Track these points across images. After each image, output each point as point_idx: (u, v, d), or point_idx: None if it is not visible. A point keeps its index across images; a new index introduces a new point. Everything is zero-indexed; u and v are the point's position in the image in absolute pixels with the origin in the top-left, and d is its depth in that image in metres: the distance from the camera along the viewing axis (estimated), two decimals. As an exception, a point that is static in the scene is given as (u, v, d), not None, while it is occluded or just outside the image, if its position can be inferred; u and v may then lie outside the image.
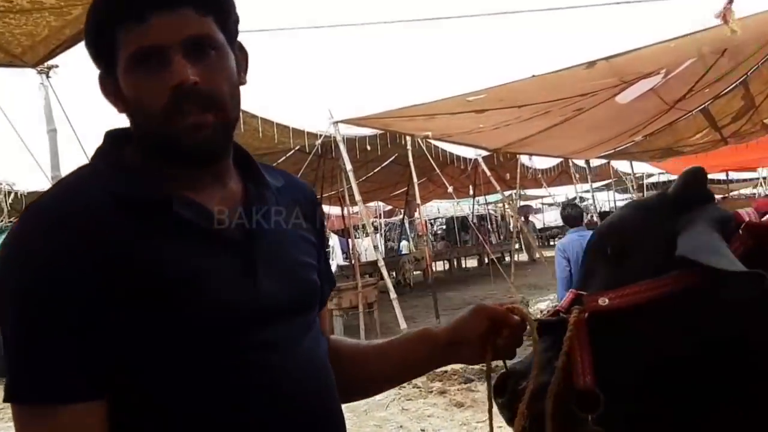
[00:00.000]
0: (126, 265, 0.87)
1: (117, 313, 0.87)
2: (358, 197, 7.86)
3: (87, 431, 0.87)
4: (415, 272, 16.24)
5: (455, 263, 19.44)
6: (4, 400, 0.86)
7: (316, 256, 1.11)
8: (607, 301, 1.07)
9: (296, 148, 9.05)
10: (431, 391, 6.17)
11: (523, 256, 19.61)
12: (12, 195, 10.05)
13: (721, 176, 19.64)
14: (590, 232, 7.93)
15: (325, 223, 1.30)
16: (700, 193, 1.13)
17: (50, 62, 4.01)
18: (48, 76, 4.46)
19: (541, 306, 11.06)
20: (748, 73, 10.24)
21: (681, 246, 1.01)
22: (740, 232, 1.05)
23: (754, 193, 21.95)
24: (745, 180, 22.63)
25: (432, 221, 25.28)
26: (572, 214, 6.44)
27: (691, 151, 13.74)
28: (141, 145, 0.98)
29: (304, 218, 1.10)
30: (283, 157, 9.46)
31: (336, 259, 19.28)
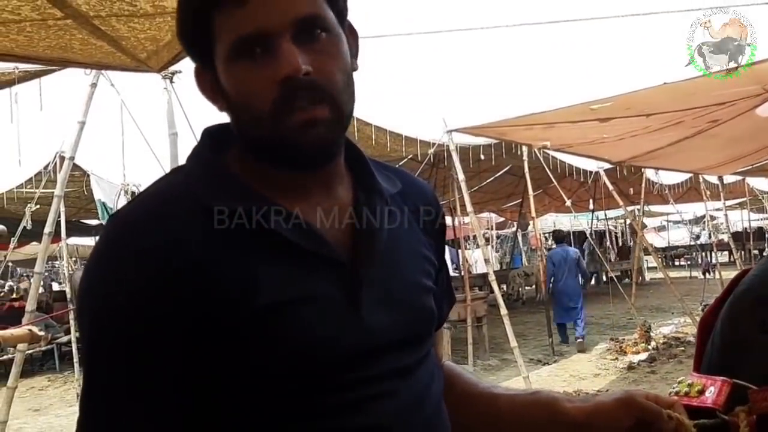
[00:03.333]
0: (213, 290, 0.76)
1: (201, 351, 0.76)
2: (469, 208, 7.66)
3: None
4: (527, 287, 15.80)
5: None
6: None
7: (435, 275, 0.97)
8: None
9: (409, 156, 9.02)
10: None
11: (649, 274, 18.55)
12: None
13: None
14: (569, 248, 10.09)
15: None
16: None
17: (174, 68, 4.16)
18: (172, 81, 4.65)
19: (664, 330, 10.38)
20: None
21: None
22: None
23: None
24: None
25: (547, 235, 24.58)
26: (559, 236, 11.64)
27: None
28: (243, 146, 0.87)
29: (423, 229, 0.97)
30: (396, 166, 9.47)
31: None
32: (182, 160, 0.98)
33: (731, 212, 18.74)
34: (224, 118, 0.88)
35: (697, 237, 23.18)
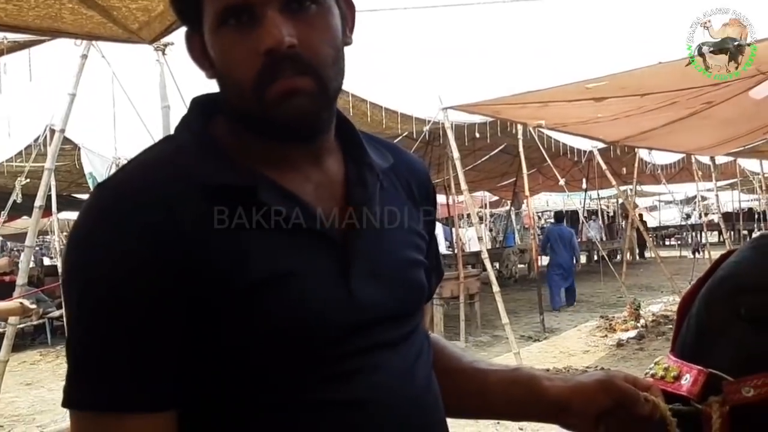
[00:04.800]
0: (203, 264, 0.75)
1: (190, 320, 0.75)
2: (464, 186, 7.64)
3: None
4: (519, 265, 15.87)
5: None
6: (63, 405, 0.77)
7: (425, 249, 0.96)
8: (752, 392, 0.90)
9: (404, 134, 8.98)
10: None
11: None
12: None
13: None
14: (564, 227, 10.91)
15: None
16: None
17: (166, 39, 4.09)
18: (164, 53, 4.58)
19: (653, 308, 10.47)
20: None
21: None
22: None
23: None
24: None
25: (540, 214, 24.64)
26: (559, 215, 13.62)
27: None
28: (231, 117, 0.85)
29: (414, 204, 0.96)
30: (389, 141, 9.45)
31: (440, 248, 19.20)
32: (175, 133, 0.96)
33: (722, 193, 18.82)
34: (216, 88, 0.86)
35: (688, 217, 23.30)
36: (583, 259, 19.28)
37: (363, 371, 0.82)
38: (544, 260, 18.10)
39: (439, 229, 20.76)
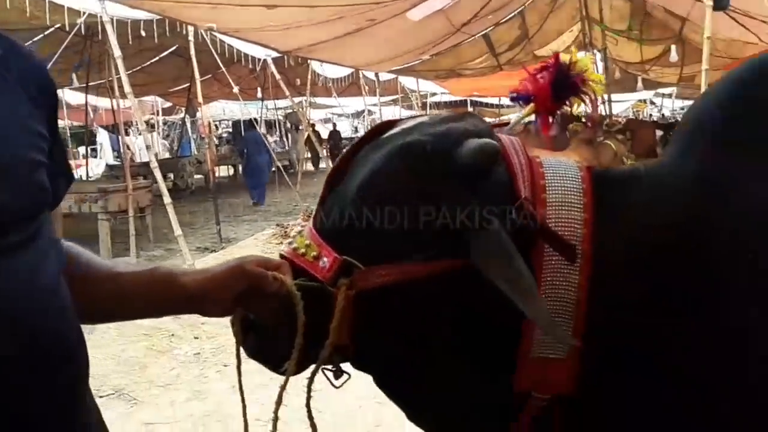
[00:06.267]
0: None
1: None
2: (128, 89, 6.98)
3: None
4: (197, 176, 15.50)
5: (240, 168, 18.94)
6: None
7: (47, 149, 0.90)
8: (377, 279, 1.04)
9: (55, 26, 7.89)
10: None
11: (310, 165, 19.65)
12: None
13: (494, 101, 21.20)
14: (257, 133, 12.22)
15: (61, 107, 0.96)
16: (489, 168, 1.06)
17: None
18: None
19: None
20: (525, 4, 10.97)
21: (479, 258, 1.00)
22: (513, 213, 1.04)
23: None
24: (510, 106, 24.70)
25: (217, 123, 24.21)
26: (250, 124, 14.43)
27: (471, 74, 14.52)
28: None
29: (30, 100, 0.88)
30: (41, 35, 8.35)
31: (105, 158, 17.67)
32: None
33: (385, 108, 20.61)
34: None
35: (356, 130, 25.17)
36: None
37: None
38: (222, 171, 18.11)
39: (104, 138, 19.20)
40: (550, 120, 1.26)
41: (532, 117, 1.27)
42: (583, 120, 1.29)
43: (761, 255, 1.00)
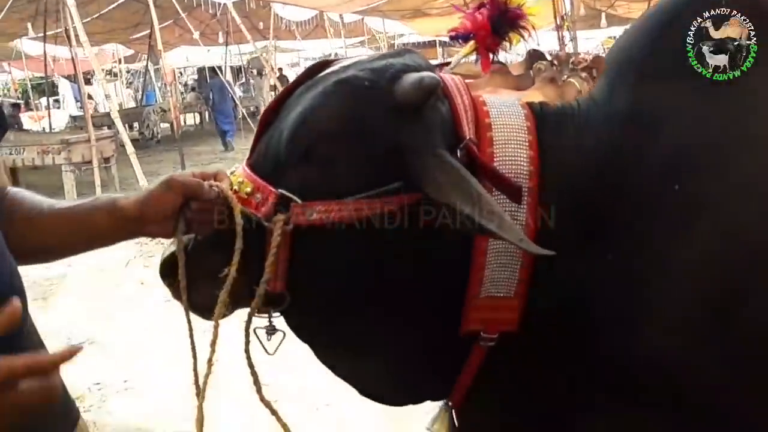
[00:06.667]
0: None
1: None
2: (83, 37, 6.85)
3: None
4: (163, 125, 15.27)
5: (207, 116, 18.64)
6: None
7: None
8: (315, 215, 1.00)
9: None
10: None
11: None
12: None
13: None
14: (222, 79, 10.81)
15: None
16: (428, 101, 1.03)
17: None
18: None
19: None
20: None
21: (434, 184, 0.96)
22: (459, 153, 1.02)
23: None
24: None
25: (181, 70, 23.66)
26: (214, 72, 12.52)
27: (438, 14, 14.32)
28: None
29: None
30: None
31: (68, 109, 17.26)
32: None
33: (352, 50, 20.28)
34: None
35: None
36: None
37: None
38: (188, 119, 17.81)
39: (66, 88, 18.66)
40: (491, 56, 1.24)
41: (473, 56, 1.25)
42: (549, 59, 1.25)
43: (686, 184, 1.02)
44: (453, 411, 1.21)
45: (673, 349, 1.01)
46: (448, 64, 1.26)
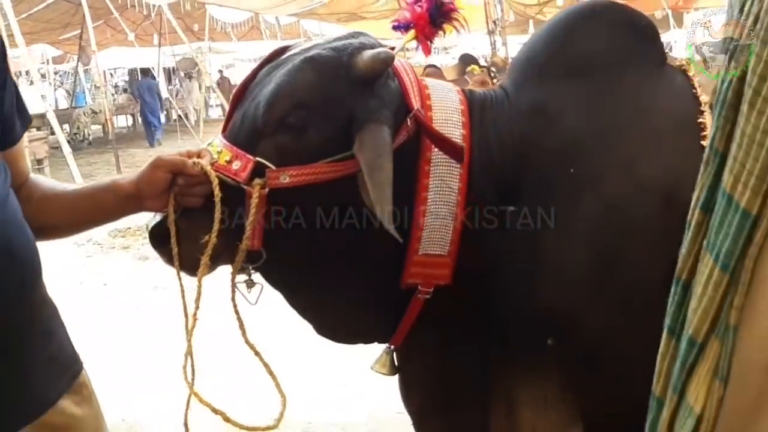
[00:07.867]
0: None
1: None
2: (19, 38, 6.74)
3: None
4: (94, 127, 14.93)
5: (140, 118, 18.30)
6: None
7: None
8: (288, 179, 1.14)
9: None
10: (113, 247, 5.98)
11: (213, 113, 19.22)
12: None
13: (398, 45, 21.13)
14: (152, 80, 13.19)
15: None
16: (384, 73, 1.18)
17: None
18: None
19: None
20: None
21: (357, 148, 1.11)
22: (408, 122, 1.17)
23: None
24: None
25: (113, 71, 23.10)
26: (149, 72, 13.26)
27: (373, 17, 14.55)
28: None
29: None
30: None
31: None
32: None
33: (288, 53, 20.11)
34: None
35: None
36: (163, 118, 19.19)
37: None
38: (120, 121, 17.42)
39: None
40: (429, 44, 1.36)
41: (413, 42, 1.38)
42: (485, 63, 1.41)
43: (578, 163, 1.20)
44: (394, 353, 1.39)
45: (567, 300, 1.20)
46: (392, 48, 1.39)
